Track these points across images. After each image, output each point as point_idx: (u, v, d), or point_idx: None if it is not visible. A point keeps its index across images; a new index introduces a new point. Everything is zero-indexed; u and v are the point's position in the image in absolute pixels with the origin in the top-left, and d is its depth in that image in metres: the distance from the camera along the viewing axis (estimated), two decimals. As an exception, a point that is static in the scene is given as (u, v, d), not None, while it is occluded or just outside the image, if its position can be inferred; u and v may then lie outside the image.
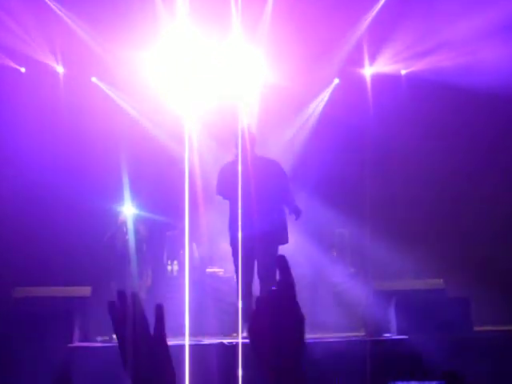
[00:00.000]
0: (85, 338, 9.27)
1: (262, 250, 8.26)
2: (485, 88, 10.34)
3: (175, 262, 10.79)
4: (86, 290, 9.80)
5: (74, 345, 8.68)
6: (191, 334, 9.01)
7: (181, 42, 10.84)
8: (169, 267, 10.83)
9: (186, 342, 7.79)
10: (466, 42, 10.82)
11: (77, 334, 8.94)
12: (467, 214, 11.28)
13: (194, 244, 10.84)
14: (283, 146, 11.97)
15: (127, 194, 10.43)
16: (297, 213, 8.44)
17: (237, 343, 8.35)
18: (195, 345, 8.12)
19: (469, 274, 10.15)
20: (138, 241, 10.24)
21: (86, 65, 11.80)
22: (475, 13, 10.54)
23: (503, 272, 10.88)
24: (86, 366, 7.88)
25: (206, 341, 8.70)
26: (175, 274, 10.71)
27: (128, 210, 10.38)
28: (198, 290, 9.31)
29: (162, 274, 10.90)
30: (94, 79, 12.15)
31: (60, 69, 12.11)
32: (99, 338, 9.91)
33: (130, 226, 10.34)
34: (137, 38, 10.88)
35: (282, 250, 10.86)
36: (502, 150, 11.21)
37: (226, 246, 10.76)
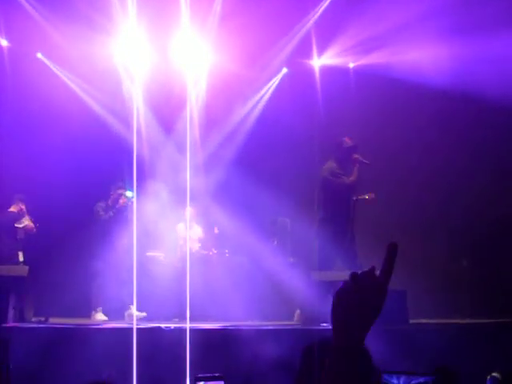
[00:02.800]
0: (20, 319, 9.13)
1: None
2: (429, 84, 10.52)
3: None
4: (23, 270, 9.65)
5: (9, 325, 8.56)
6: (138, 318, 9.03)
7: (131, 23, 10.71)
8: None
9: (134, 325, 7.79)
10: (412, 39, 10.97)
11: (11, 313, 8.80)
12: (406, 207, 11.45)
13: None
14: (229, 132, 11.98)
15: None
16: None
17: (176, 327, 8.39)
18: (143, 328, 8.13)
19: (406, 267, 10.31)
20: None
21: (32, 40, 11.52)
22: (422, 12, 10.70)
23: (438, 266, 11.14)
24: (20, 346, 7.78)
25: (151, 324, 8.69)
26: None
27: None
28: (142, 274, 9.26)
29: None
30: (39, 55, 11.88)
31: (4, 42, 11.81)
32: (34, 319, 9.79)
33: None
34: (86, 17, 10.70)
35: (221, 236, 10.96)
36: (439, 146, 11.39)
37: (165, 231, 10.77)
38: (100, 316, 10.24)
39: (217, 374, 2.56)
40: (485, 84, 10.24)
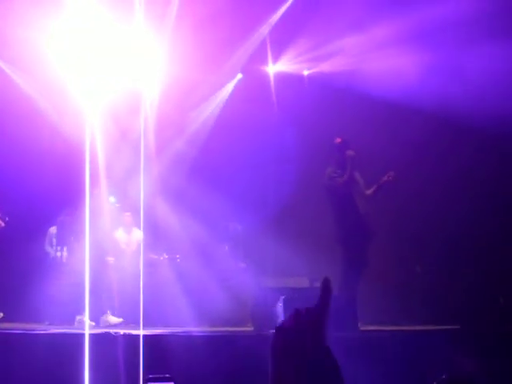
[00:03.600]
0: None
1: None
2: (384, 93, 10.62)
3: (65, 249, 10.56)
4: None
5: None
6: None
7: (84, 25, 10.56)
8: (58, 253, 10.59)
9: (86, 331, 7.68)
10: (368, 48, 11.09)
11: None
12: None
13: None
14: (183, 137, 11.94)
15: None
16: None
17: (126, 333, 8.32)
18: (95, 334, 8.03)
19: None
20: None
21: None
22: (378, 21, 10.83)
23: (388, 273, 11.22)
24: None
25: (97, 331, 8.60)
26: (64, 260, 10.48)
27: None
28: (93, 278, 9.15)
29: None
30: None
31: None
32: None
33: None
34: (38, 16, 10.51)
35: (173, 241, 10.89)
36: (394, 153, 11.47)
37: (118, 236, 10.70)
38: (112, 318, 10.11)
39: (167, 375, 2.54)
40: (445, 93, 10.40)
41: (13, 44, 10.97)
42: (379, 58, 10.96)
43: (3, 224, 10.28)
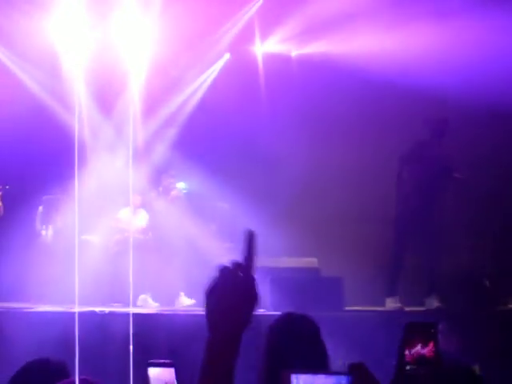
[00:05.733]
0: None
1: None
2: (374, 74, 10.56)
3: (50, 227, 10.49)
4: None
5: None
6: (70, 302, 8.86)
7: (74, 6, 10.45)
8: (43, 232, 10.52)
9: (76, 309, 7.62)
10: (356, 28, 11.02)
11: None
12: (342, 195, 11.48)
13: None
14: (170, 117, 11.87)
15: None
16: None
17: (111, 312, 8.29)
18: (83, 312, 7.98)
19: (343, 254, 10.39)
20: None
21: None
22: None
23: (376, 253, 11.19)
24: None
25: (81, 309, 8.53)
26: (49, 239, 10.41)
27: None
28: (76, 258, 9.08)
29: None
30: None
31: None
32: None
33: None
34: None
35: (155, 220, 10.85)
36: (384, 131, 11.43)
37: (100, 215, 10.62)
38: (186, 300, 10.14)
39: (168, 361, 2.52)
40: (433, 74, 10.35)
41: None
42: (369, 38, 10.89)
43: None
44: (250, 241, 1.64)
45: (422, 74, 10.43)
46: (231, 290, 1.63)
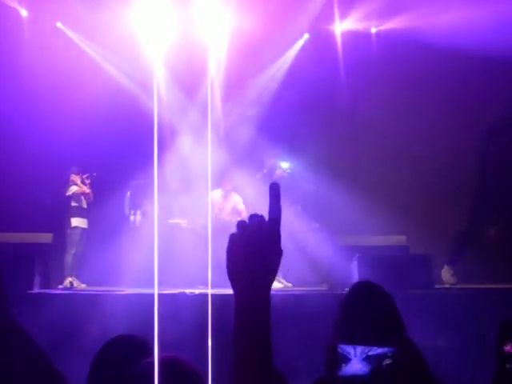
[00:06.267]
0: (46, 285, 9.17)
1: None
2: (453, 47, 10.30)
3: (138, 212, 10.67)
4: (47, 237, 9.70)
5: (35, 291, 8.59)
6: (161, 285, 8.99)
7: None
8: (131, 217, 10.71)
9: (156, 291, 7.73)
10: (435, 1, 10.76)
11: (38, 280, 8.83)
12: (432, 171, 11.28)
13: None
14: (250, 97, 11.88)
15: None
16: None
17: (200, 293, 8.37)
18: (162, 294, 8.10)
19: (432, 232, 10.22)
20: None
21: (51, 9, 11.44)
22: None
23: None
24: (46, 312, 7.80)
25: (172, 291, 8.65)
26: (137, 224, 10.60)
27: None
28: (164, 242, 9.20)
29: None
30: (59, 24, 11.80)
31: (24, 12, 11.74)
32: (60, 286, 9.85)
33: None
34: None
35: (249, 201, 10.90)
36: (467, 106, 11.16)
37: (189, 198, 10.73)
38: (277, 284, 10.24)
39: None
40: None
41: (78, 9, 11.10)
42: (449, 11, 10.60)
43: (87, 190, 10.51)
44: (276, 194, 1.54)
45: (507, 44, 10.11)
46: (252, 243, 1.52)
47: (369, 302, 2.97)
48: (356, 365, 2.13)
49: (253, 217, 1.55)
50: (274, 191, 1.54)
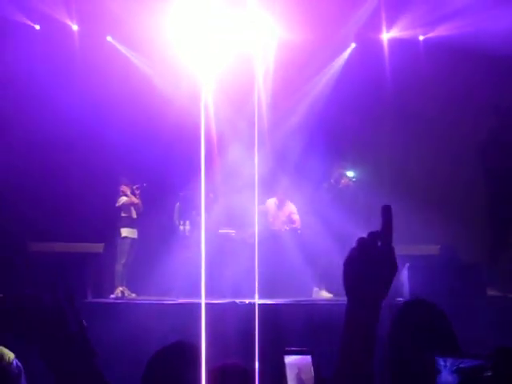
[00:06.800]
0: (98, 295, 9.31)
1: None
2: (504, 53, 10.18)
3: (187, 222, 10.77)
4: (98, 247, 9.85)
5: (88, 300, 8.73)
6: (208, 294, 9.01)
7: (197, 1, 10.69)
8: (181, 227, 10.81)
9: (202, 301, 7.79)
10: (485, 7, 10.62)
11: (90, 289, 8.98)
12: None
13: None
14: (298, 108, 11.91)
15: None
16: None
17: (250, 303, 8.38)
18: (211, 304, 8.14)
19: (482, 240, 10.11)
20: None
21: (102, 23, 11.66)
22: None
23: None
24: (99, 321, 7.90)
25: (222, 300, 8.70)
26: (187, 233, 10.69)
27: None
28: (213, 251, 9.26)
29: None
30: (109, 38, 12.02)
31: (75, 27, 11.97)
32: (112, 295, 9.99)
33: None
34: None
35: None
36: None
37: (238, 208, 10.78)
38: (325, 293, 10.38)
39: (304, 349, 2.56)
40: None
41: (127, 23, 11.26)
42: (499, 16, 10.47)
43: (137, 200, 10.67)
44: (387, 214, 1.65)
45: None
46: (370, 259, 1.65)
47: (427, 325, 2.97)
48: (447, 377, 2.15)
49: (371, 234, 1.66)
50: (386, 212, 1.66)
